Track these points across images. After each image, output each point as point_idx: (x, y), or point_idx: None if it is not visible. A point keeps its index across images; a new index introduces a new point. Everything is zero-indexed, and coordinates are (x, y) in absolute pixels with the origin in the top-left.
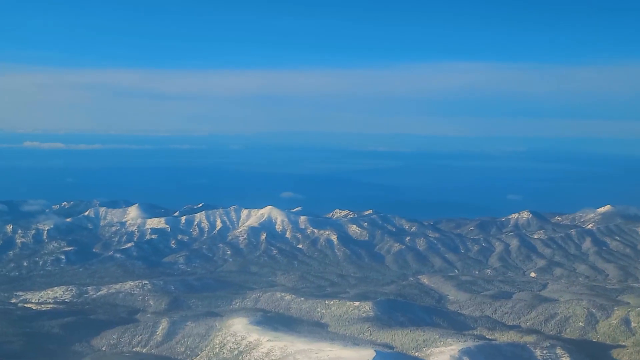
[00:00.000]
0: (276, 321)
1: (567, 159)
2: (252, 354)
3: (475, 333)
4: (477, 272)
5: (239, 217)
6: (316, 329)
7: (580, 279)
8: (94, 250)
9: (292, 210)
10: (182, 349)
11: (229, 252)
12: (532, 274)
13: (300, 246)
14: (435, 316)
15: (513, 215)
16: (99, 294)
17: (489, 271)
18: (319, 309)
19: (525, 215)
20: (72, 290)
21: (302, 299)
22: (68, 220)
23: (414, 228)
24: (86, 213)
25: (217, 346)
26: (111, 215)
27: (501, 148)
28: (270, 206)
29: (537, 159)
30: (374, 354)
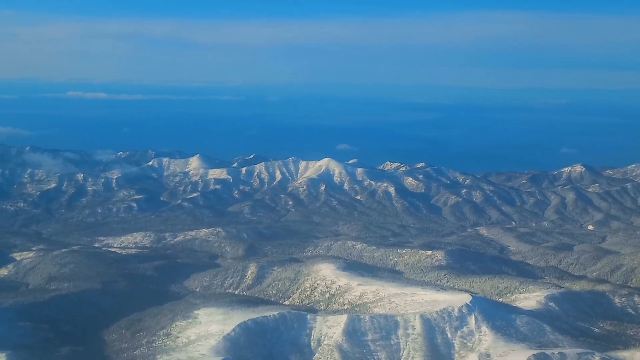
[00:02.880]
0: (359, 267)
1: (609, 111)
2: (344, 297)
3: (546, 282)
4: (534, 225)
5: (297, 169)
6: (396, 275)
7: (638, 232)
8: (162, 198)
9: (347, 162)
10: (274, 292)
11: (290, 203)
12: (590, 227)
13: (358, 197)
14: (503, 265)
15: (565, 169)
16: (176, 240)
17: (546, 223)
18: (391, 257)
19: (578, 169)
20: (150, 236)
21: (374, 247)
22: (133, 169)
23: (468, 181)
24: (150, 163)
25: (308, 289)
26: (174, 166)
27: (541, 100)
28: (327, 158)
29: (579, 111)
30: (470, 297)
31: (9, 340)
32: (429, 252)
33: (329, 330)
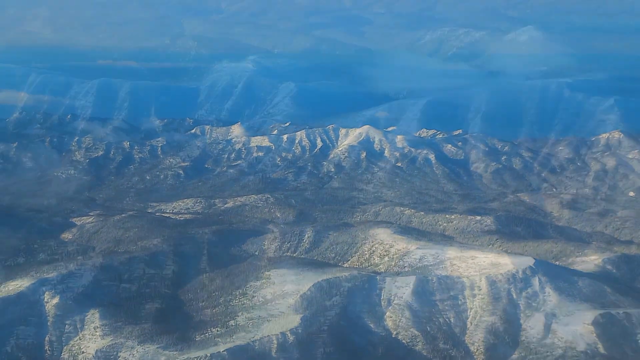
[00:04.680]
0: (413, 232)
1: None
2: (404, 260)
3: (598, 246)
4: (575, 191)
5: (337, 136)
6: (449, 240)
7: None
8: (206, 166)
9: (387, 130)
10: (332, 255)
11: (332, 170)
12: (631, 193)
13: (399, 164)
14: (551, 231)
15: (603, 135)
16: (226, 205)
17: (587, 190)
18: (440, 222)
19: (616, 135)
20: (201, 202)
21: (422, 213)
22: (177, 137)
23: (506, 147)
24: (192, 131)
25: (366, 253)
26: (216, 133)
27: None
28: (367, 125)
29: None
30: (533, 260)
31: (97, 298)
32: (478, 218)
33: (399, 290)
